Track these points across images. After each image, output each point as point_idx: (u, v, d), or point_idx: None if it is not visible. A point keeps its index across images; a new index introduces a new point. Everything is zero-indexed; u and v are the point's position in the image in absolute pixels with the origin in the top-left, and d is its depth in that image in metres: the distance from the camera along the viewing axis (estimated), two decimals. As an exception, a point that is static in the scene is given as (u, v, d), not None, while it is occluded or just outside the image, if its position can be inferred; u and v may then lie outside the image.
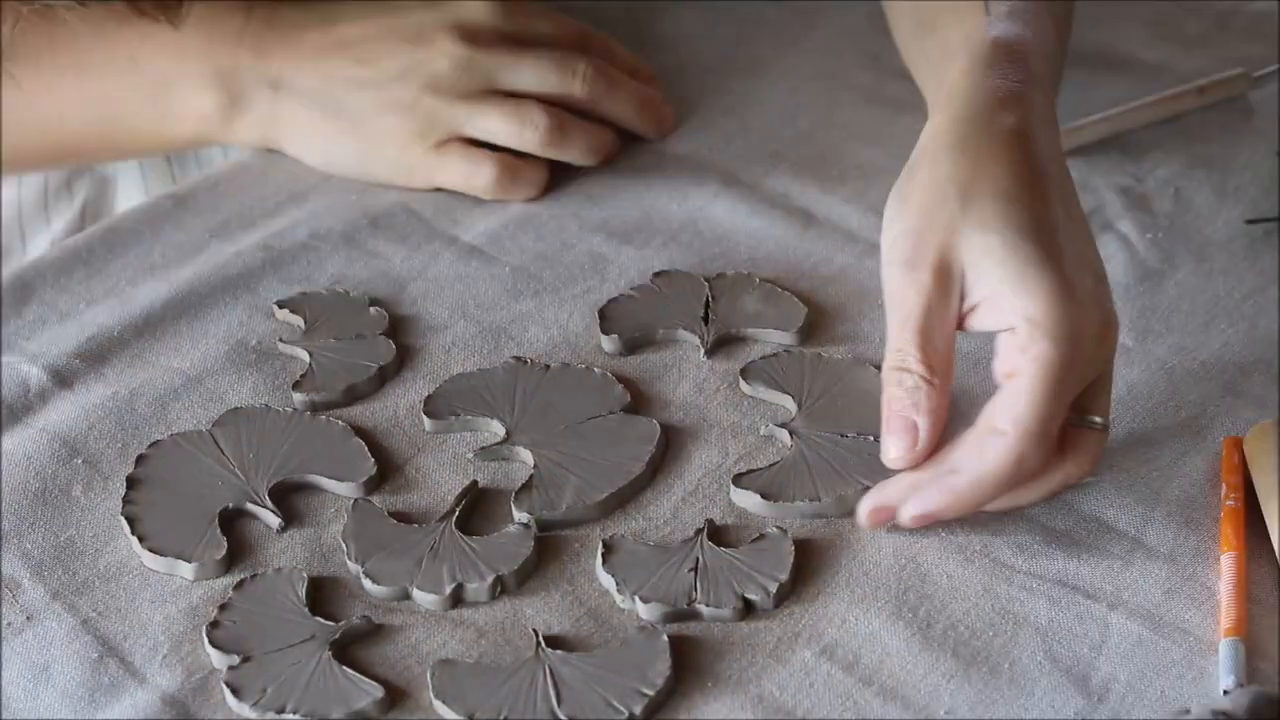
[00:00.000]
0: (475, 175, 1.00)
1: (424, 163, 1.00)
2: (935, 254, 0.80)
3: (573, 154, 1.01)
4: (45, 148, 1.04)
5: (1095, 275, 0.81)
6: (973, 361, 0.91)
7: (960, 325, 0.81)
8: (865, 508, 0.81)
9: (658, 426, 0.88)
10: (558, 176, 1.03)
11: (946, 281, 0.80)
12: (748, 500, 0.84)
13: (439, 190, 1.02)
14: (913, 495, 0.80)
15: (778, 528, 0.83)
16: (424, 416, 0.89)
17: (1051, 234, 0.80)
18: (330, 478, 0.86)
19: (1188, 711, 0.75)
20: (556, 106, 1.00)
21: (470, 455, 0.88)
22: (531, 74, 0.99)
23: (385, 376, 0.92)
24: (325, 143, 1.01)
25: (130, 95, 1.01)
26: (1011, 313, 0.78)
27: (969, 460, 0.79)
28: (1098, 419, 0.81)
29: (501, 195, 1.00)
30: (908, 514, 0.80)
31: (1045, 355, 0.77)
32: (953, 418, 0.83)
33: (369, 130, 1.00)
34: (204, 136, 1.02)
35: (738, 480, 0.85)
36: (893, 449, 0.81)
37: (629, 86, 1.03)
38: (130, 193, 1.10)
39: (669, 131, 1.05)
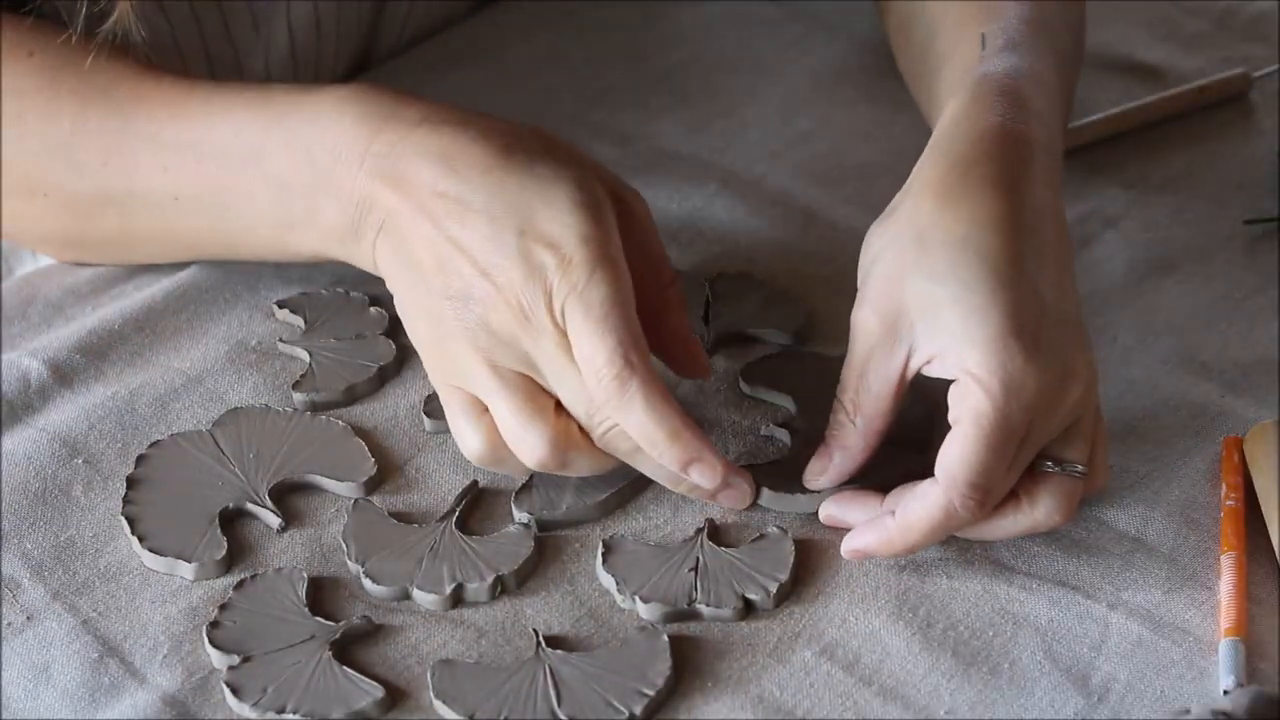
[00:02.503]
0: (472, 437, 0.84)
1: (441, 383, 0.85)
2: (886, 302, 0.81)
3: (571, 474, 0.84)
4: (157, 238, 0.95)
5: (1065, 322, 0.80)
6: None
7: (912, 373, 0.81)
8: (824, 512, 0.83)
9: (658, 426, 0.88)
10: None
11: (894, 330, 0.80)
12: None
13: None
14: (852, 530, 0.82)
15: (778, 528, 0.83)
16: (424, 416, 0.89)
17: (1009, 283, 0.79)
18: (330, 478, 0.86)
19: (1188, 711, 0.75)
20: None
21: (470, 455, 0.87)
22: (569, 388, 0.82)
23: (385, 376, 0.92)
24: (403, 298, 0.86)
25: (254, 191, 0.89)
26: (955, 364, 0.79)
27: (904, 505, 0.80)
28: (1077, 466, 0.80)
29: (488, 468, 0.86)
30: (845, 547, 0.82)
31: (977, 408, 0.77)
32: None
33: (423, 319, 0.85)
34: (324, 253, 0.90)
35: (738, 473, 0.85)
36: (809, 470, 0.83)
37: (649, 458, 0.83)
38: None
39: (742, 503, 0.85)
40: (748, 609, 0.80)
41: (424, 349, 0.86)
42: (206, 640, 0.79)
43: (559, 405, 0.82)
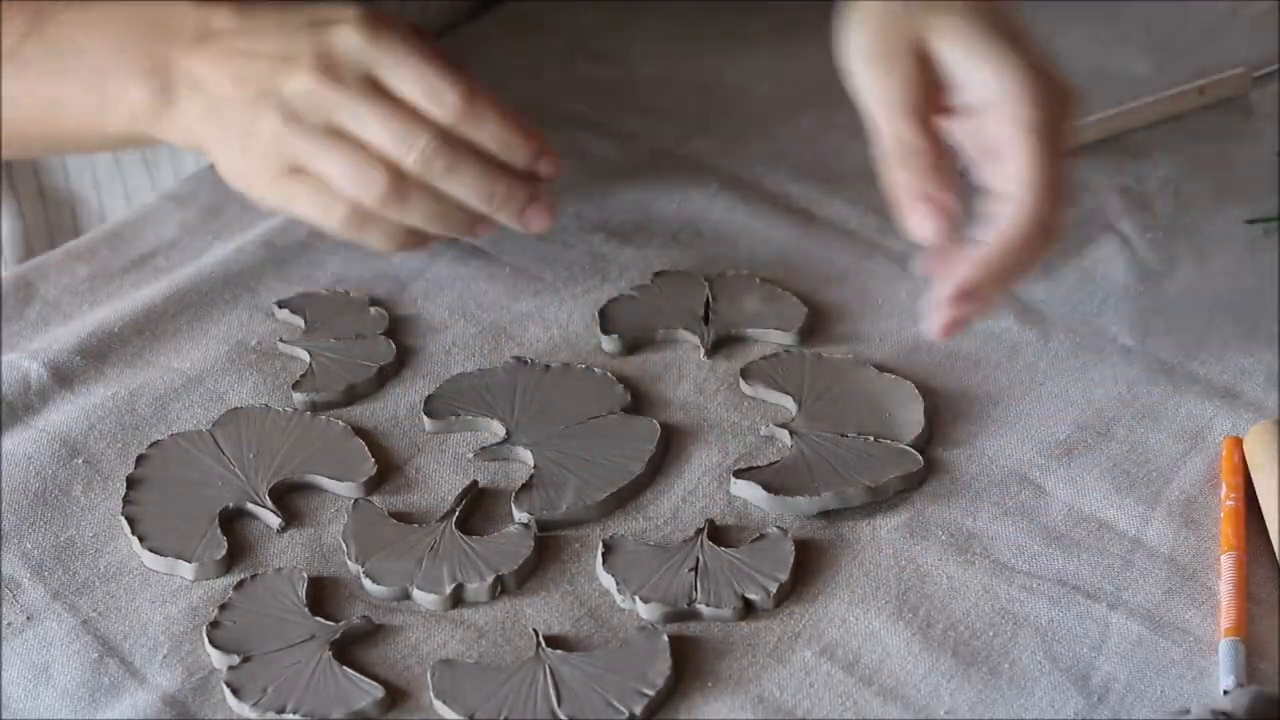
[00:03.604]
0: (326, 211, 0.92)
1: (275, 188, 0.93)
2: (909, 45, 0.84)
3: (416, 220, 0.92)
4: None
5: (1048, 57, 0.85)
6: (973, 361, 0.92)
7: (945, 109, 0.85)
8: (924, 266, 0.85)
9: (658, 426, 0.88)
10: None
11: (926, 66, 0.84)
12: (748, 492, 0.84)
13: None
14: (945, 280, 0.83)
15: (778, 528, 0.83)
16: (424, 416, 0.89)
17: (1010, 19, 0.84)
18: (330, 478, 0.86)
19: (1188, 711, 0.74)
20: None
21: (470, 455, 0.88)
22: (374, 127, 0.90)
23: (385, 376, 0.92)
24: (218, 149, 0.94)
25: (69, 83, 0.97)
26: (988, 87, 0.83)
27: (994, 226, 0.82)
28: None
29: (354, 238, 0.93)
30: (945, 295, 0.83)
31: (1031, 118, 0.82)
32: (953, 408, 0.84)
33: (237, 146, 0.93)
34: (137, 131, 0.96)
35: (739, 474, 0.85)
36: (921, 227, 0.84)
37: (477, 170, 0.91)
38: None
39: (540, 227, 0.93)
40: (748, 609, 0.80)
41: (253, 165, 0.92)
42: (206, 640, 0.79)
43: None
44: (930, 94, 0.85)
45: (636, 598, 0.80)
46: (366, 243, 0.93)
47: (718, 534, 0.83)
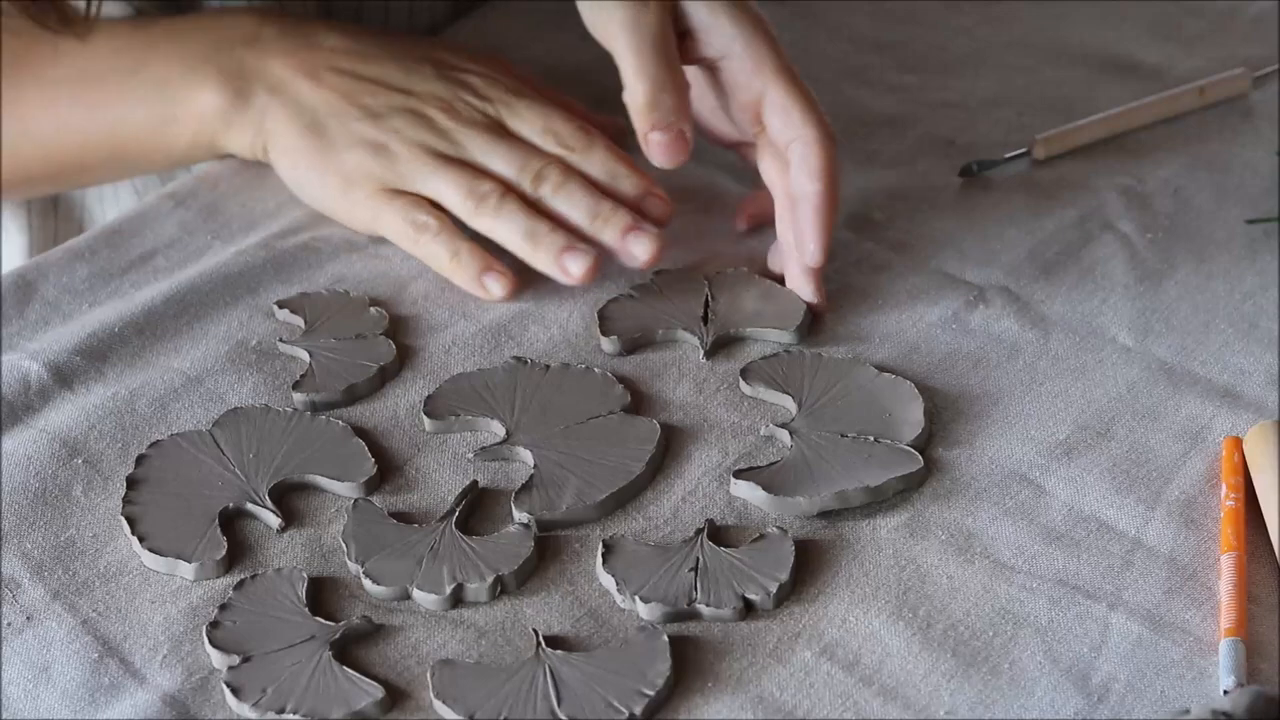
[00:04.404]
0: (419, 230, 0.95)
1: (370, 203, 0.96)
2: None
3: (503, 233, 0.94)
4: (43, 166, 1.02)
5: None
6: (973, 361, 0.92)
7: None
8: (818, 293, 0.94)
9: (658, 426, 0.88)
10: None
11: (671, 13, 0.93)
12: (748, 492, 0.84)
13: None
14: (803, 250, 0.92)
15: (778, 528, 0.83)
16: (424, 416, 0.89)
17: None
18: (330, 478, 0.86)
19: (1188, 711, 0.74)
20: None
21: (470, 455, 0.88)
22: (495, 157, 0.95)
23: (385, 376, 0.92)
24: (296, 159, 0.98)
25: (130, 99, 0.99)
26: (726, 36, 0.93)
27: (805, 179, 0.92)
28: None
29: (448, 269, 0.95)
30: (812, 260, 0.93)
31: (778, 59, 0.94)
32: (953, 408, 0.84)
33: (334, 160, 0.96)
34: (203, 140, 0.99)
35: (739, 474, 0.85)
36: (667, 159, 0.93)
37: (586, 188, 0.95)
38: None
39: (643, 254, 0.94)
40: (748, 609, 0.80)
41: (351, 178, 0.95)
42: (206, 640, 0.79)
43: None
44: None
45: (636, 598, 0.80)
46: (450, 267, 0.95)
47: (718, 534, 0.83)
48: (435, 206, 0.95)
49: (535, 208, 0.94)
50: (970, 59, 1.14)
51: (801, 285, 0.94)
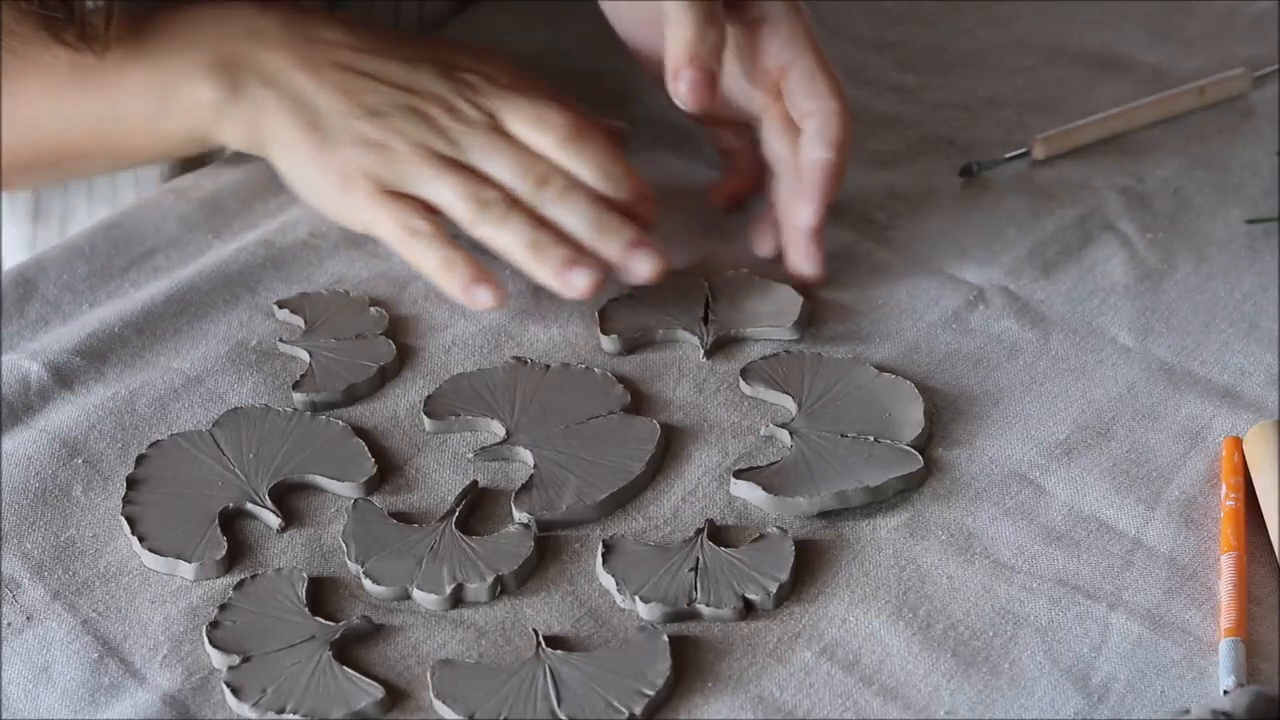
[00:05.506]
0: (412, 234, 0.93)
1: (368, 204, 0.94)
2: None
3: (505, 242, 0.92)
4: (41, 156, 1.01)
5: None
6: (973, 361, 0.92)
7: None
8: (811, 265, 0.96)
9: (658, 426, 0.88)
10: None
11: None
12: (748, 492, 0.84)
13: None
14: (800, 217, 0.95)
15: (778, 528, 0.83)
16: (424, 416, 0.89)
17: None
18: (330, 478, 0.86)
19: (1188, 711, 0.74)
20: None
21: (470, 455, 0.88)
22: (496, 162, 0.93)
23: (385, 376, 0.92)
24: (295, 155, 0.96)
25: (127, 89, 0.98)
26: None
27: (818, 146, 0.94)
28: None
29: (439, 276, 0.93)
30: (808, 230, 0.95)
31: (808, 32, 0.96)
32: (953, 408, 0.84)
33: (333, 157, 0.94)
34: (199, 132, 0.98)
35: (739, 474, 0.85)
36: (695, 99, 0.92)
37: (589, 200, 0.93)
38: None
39: (646, 272, 0.92)
40: (748, 609, 0.80)
41: (349, 176, 0.94)
42: (206, 640, 0.79)
43: None
44: None
45: (636, 598, 0.80)
46: (441, 274, 0.93)
47: (718, 534, 0.83)
48: (430, 210, 0.94)
49: (536, 217, 0.93)
50: (970, 59, 1.14)
51: (799, 259, 0.95)
